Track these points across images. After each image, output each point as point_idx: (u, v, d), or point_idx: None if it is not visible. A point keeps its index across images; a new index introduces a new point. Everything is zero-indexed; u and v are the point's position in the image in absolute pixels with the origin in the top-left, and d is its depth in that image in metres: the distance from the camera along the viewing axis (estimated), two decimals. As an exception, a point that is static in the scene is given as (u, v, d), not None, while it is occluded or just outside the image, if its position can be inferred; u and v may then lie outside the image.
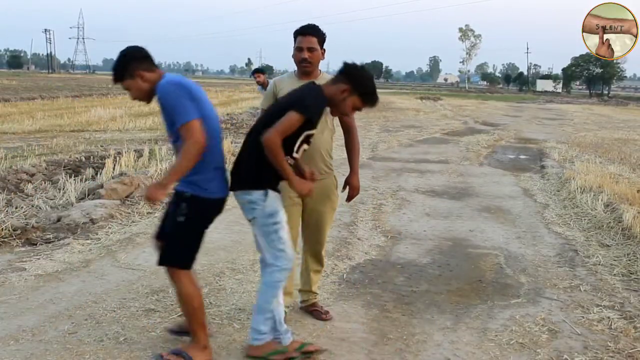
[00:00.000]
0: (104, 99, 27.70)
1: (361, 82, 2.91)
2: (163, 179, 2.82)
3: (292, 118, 2.75)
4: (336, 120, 3.57)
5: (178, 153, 2.86)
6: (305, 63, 3.40)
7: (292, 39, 3.47)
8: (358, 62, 2.97)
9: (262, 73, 9.96)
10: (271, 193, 2.91)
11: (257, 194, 2.88)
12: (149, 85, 2.86)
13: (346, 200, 3.71)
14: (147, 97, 2.94)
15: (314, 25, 3.45)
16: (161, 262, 2.97)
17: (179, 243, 2.92)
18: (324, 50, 3.47)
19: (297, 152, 2.91)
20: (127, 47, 2.91)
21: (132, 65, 2.85)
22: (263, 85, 9.38)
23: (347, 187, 3.64)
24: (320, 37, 3.43)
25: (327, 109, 2.99)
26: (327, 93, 2.92)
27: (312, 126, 2.88)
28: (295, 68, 3.51)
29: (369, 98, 2.96)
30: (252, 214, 2.91)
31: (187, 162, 2.74)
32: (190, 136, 2.71)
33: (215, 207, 2.93)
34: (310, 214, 3.54)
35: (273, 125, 2.75)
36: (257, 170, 2.86)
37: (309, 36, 3.39)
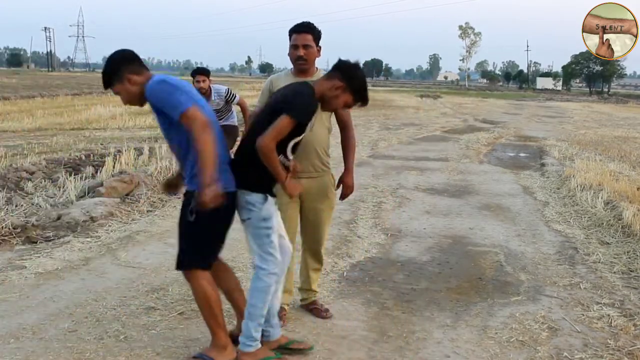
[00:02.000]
0: (103, 97, 27.66)
1: (355, 80, 2.92)
2: (202, 180, 2.63)
3: (283, 122, 2.76)
4: (333, 118, 3.56)
5: (179, 154, 2.82)
6: (301, 61, 3.39)
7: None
8: (353, 60, 2.97)
9: (205, 75, 6.76)
10: (270, 198, 2.92)
11: (256, 197, 2.88)
12: (138, 88, 2.80)
13: (340, 199, 3.70)
14: (138, 101, 2.87)
15: (309, 22, 3.44)
16: (178, 265, 2.92)
17: (192, 243, 2.86)
18: (320, 47, 3.47)
19: (291, 152, 2.92)
20: (115, 52, 2.85)
21: (121, 69, 2.78)
22: (206, 94, 6.67)
23: (341, 185, 3.64)
24: (315, 34, 3.41)
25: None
26: (319, 89, 2.92)
27: (302, 129, 2.89)
28: (292, 66, 3.51)
29: (360, 96, 2.96)
30: (248, 214, 2.90)
31: (208, 147, 2.62)
32: (193, 121, 2.63)
33: (227, 201, 2.80)
34: (308, 212, 3.53)
35: (266, 129, 2.76)
36: (259, 173, 2.85)
37: (304, 34, 3.39)
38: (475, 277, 4.51)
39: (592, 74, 78.60)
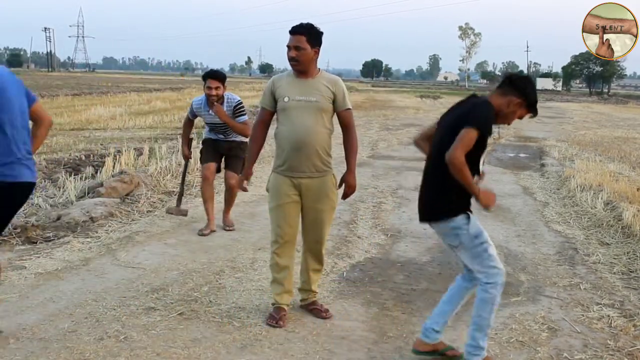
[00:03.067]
0: (103, 97, 27.68)
1: (532, 95, 2.95)
2: None
3: (469, 135, 2.74)
4: (335, 118, 3.57)
5: None
6: (293, 62, 3.41)
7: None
8: (523, 74, 3.03)
9: (219, 81, 5.26)
10: (472, 216, 2.93)
11: (459, 220, 2.89)
12: None
13: (342, 198, 3.70)
14: None
15: (305, 23, 3.43)
16: None
17: None
18: (317, 48, 3.44)
19: (482, 166, 2.94)
20: None
21: None
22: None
23: (343, 185, 3.64)
24: (310, 35, 3.39)
25: None
26: (496, 105, 2.93)
27: (485, 143, 2.88)
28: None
29: (535, 109, 3.00)
30: (458, 239, 2.92)
31: None
32: None
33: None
34: (309, 212, 3.53)
35: (452, 143, 2.74)
36: (451, 195, 2.87)
37: (297, 35, 3.38)
38: (475, 278, 4.50)
39: (592, 74, 78.57)
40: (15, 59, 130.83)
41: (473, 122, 2.76)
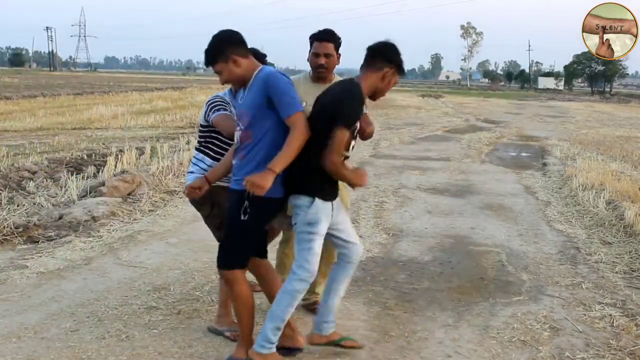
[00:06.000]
0: (105, 96, 27.71)
1: (399, 57, 2.90)
2: (270, 164, 2.70)
3: (340, 135, 2.74)
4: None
5: (246, 146, 2.81)
6: (322, 69, 3.44)
7: (292, 36, 3.51)
8: (378, 40, 2.93)
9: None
10: (318, 201, 2.81)
11: (303, 200, 2.82)
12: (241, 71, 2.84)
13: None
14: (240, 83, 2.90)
15: (331, 30, 3.48)
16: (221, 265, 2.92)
17: (237, 242, 2.86)
18: (339, 54, 3.50)
19: (352, 151, 2.93)
20: (222, 31, 2.88)
21: (227, 49, 2.82)
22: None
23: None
24: (336, 42, 3.46)
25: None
26: (369, 84, 2.88)
27: (355, 130, 2.88)
28: (309, 69, 3.54)
29: (403, 68, 2.95)
30: (295, 219, 2.86)
31: (296, 149, 2.70)
32: (299, 124, 2.72)
33: (271, 206, 2.84)
34: None
35: (326, 146, 2.72)
36: (309, 176, 2.81)
37: (326, 42, 3.43)
38: (477, 277, 4.50)
39: (594, 73, 78.49)
40: (17, 58, 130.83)
41: (341, 121, 2.74)
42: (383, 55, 2.88)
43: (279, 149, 2.71)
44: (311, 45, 3.47)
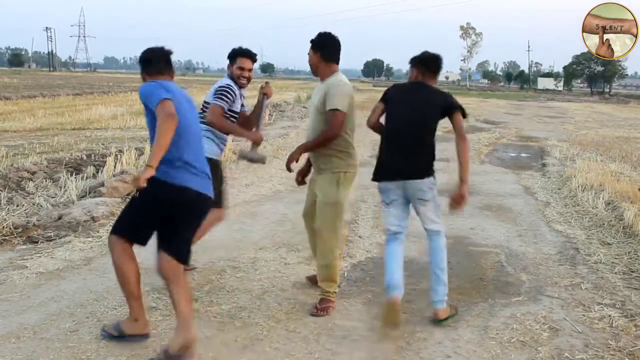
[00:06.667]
0: (105, 96, 27.70)
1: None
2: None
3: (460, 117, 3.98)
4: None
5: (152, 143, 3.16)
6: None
7: (292, 36, 3.62)
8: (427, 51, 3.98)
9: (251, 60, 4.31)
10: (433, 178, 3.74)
11: (433, 179, 3.72)
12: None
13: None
14: None
15: (314, 39, 3.79)
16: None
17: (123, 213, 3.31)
18: (320, 53, 3.71)
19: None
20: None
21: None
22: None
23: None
24: (315, 46, 3.71)
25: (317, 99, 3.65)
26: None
27: None
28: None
29: None
30: (431, 193, 3.70)
31: (163, 139, 2.95)
32: (161, 111, 3.06)
33: (156, 189, 2.98)
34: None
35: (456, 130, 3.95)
36: (428, 162, 3.75)
37: (310, 48, 3.74)
38: (476, 278, 4.51)
39: (594, 74, 78.53)
40: (16, 58, 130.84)
41: (460, 108, 3.96)
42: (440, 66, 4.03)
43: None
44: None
